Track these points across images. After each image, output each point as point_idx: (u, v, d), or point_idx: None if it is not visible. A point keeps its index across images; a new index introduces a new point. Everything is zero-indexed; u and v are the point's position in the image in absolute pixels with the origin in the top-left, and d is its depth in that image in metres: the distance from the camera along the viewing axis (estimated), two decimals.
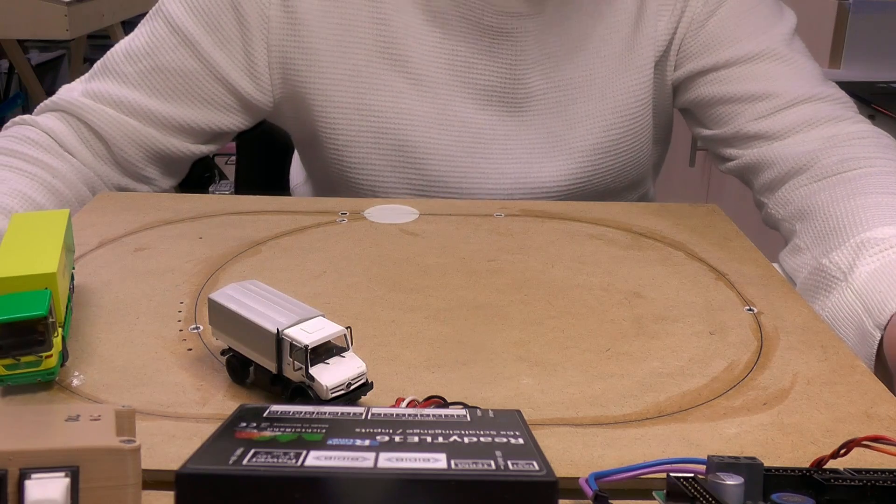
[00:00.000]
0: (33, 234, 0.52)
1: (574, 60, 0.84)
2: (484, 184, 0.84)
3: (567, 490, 0.36)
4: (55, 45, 3.55)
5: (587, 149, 0.85)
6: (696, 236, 0.72)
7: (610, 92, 0.85)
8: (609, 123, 0.85)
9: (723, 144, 0.86)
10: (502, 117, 0.84)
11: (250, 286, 0.49)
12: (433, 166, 0.83)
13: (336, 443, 0.33)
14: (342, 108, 0.82)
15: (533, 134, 0.84)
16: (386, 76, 0.81)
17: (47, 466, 0.30)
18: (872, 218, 0.64)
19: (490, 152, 0.84)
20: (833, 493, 0.35)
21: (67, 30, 1.90)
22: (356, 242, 0.69)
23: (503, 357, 0.52)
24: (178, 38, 0.80)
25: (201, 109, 0.83)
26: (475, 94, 0.83)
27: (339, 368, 0.44)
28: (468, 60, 0.82)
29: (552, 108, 0.84)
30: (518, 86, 0.83)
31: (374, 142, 0.83)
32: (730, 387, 0.49)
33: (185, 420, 0.45)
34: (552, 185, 0.86)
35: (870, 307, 0.57)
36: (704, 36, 0.84)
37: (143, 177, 0.84)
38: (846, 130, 0.78)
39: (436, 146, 0.83)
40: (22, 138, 0.78)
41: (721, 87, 0.83)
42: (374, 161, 0.83)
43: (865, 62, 1.81)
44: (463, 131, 0.83)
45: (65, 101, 0.81)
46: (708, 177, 2.21)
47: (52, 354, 0.45)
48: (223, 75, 0.81)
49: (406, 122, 0.82)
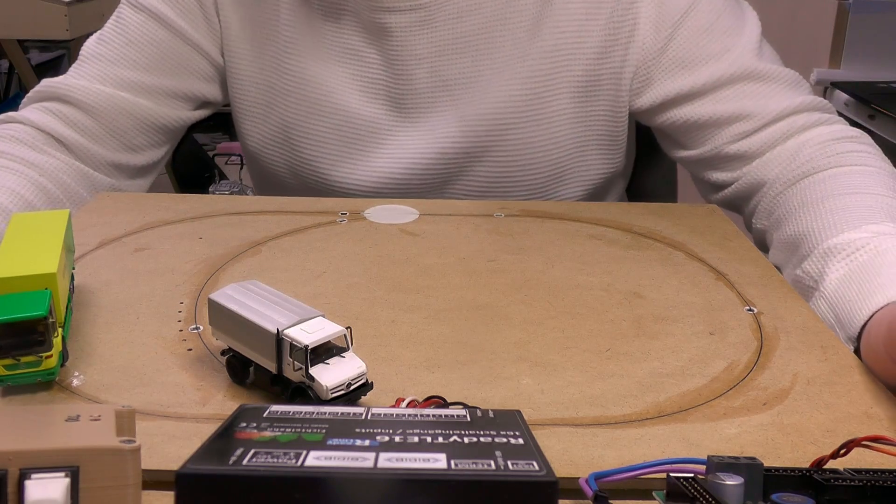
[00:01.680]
0: (33, 234, 0.52)
1: (461, 59, 0.82)
2: (354, 174, 0.86)
3: (567, 490, 0.36)
4: (55, 45, 3.55)
5: (458, 151, 0.84)
6: (695, 236, 0.72)
7: (491, 96, 0.82)
8: (483, 129, 0.83)
9: (704, 166, 0.84)
10: (386, 111, 0.85)
11: (250, 286, 0.49)
12: (307, 150, 0.86)
13: (336, 443, 0.33)
14: (242, 80, 0.88)
15: (415, 131, 0.84)
16: (282, 57, 0.86)
17: (47, 466, 0.30)
18: (840, 222, 0.64)
19: (366, 145, 0.85)
20: (833, 493, 0.35)
21: (67, 30, 1.90)
22: (356, 242, 0.69)
23: (503, 357, 0.52)
24: (145, 15, 0.85)
25: (181, 77, 0.87)
26: (362, 87, 0.84)
27: (339, 368, 0.44)
28: (358, 53, 0.84)
29: (434, 106, 0.84)
30: (402, 81, 0.83)
31: (262, 115, 0.88)
32: (730, 387, 0.49)
33: (185, 420, 0.45)
34: (422, 179, 0.85)
35: (841, 318, 0.57)
36: (667, 61, 0.81)
37: (136, 145, 0.86)
38: (821, 133, 0.77)
39: (311, 131, 0.86)
40: (6, 138, 0.78)
41: (695, 111, 0.81)
42: (260, 132, 0.89)
43: (865, 62, 1.81)
44: (342, 121, 0.85)
45: (51, 87, 0.83)
46: None
47: (52, 354, 0.45)
48: (194, 41, 0.86)
49: (288, 102, 0.86)
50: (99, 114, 0.83)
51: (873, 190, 0.68)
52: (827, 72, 1.80)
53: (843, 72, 1.82)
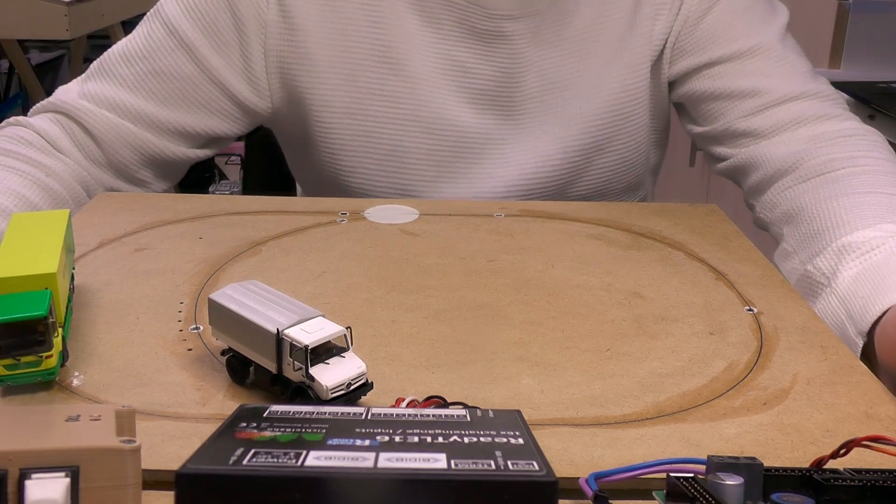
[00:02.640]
0: (33, 234, 0.52)
1: (569, 59, 0.84)
2: (477, 188, 0.85)
3: (567, 490, 0.36)
4: (55, 45, 3.55)
5: (581, 147, 0.85)
6: (695, 236, 0.72)
7: (605, 90, 0.85)
8: (603, 122, 0.85)
9: (713, 142, 0.86)
10: (497, 121, 0.84)
11: (250, 286, 0.49)
12: (425, 171, 0.84)
13: (336, 443, 0.33)
14: (337, 113, 0.82)
15: (528, 136, 0.84)
16: (382, 81, 0.81)
17: (47, 466, 0.30)
18: (854, 219, 0.65)
19: (483, 157, 0.84)
20: (833, 493, 0.35)
21: (67, 30, 1.90)
22: (356, 242, 0.69)
23: (503, 357, 0.52)
24: (176, 42, 0.80)
25: (198, 114, 0.82)
26: (471, 99, 0.83)
27: (339, 368, 0.44)
28: (464, 65, 0.82)
29: (547, 109, 0.84)
30: (514, 88, 0.83)
31: (369, 146, 0.83)
32: (730, 387, 0.49)
33: (185, 420, 0.45)
34: (545, 184, 0.86)
35: (852, 313, 0.58)
36: (700, 33, 0.84)
37: (138, 180, 0.84)
38: (833, 129, 0.78)
39: (428, 151, 0.83)
40: (15, 138, 0.78)
41: (712, 83, 0.84)
42: (367, 165, 0.84)
43: (865, 62, 1.81)
44: (457, 137, 0.83)
45: (60, 103, 0.81)
46: (708, 177, 2.20)
47: (52, 354, 0.45)
48: (221, 80, 0.81)
49: (400, 127, 0.82)
50: (103, 142, 0.81)
51: (887, 190, 0.69)
52: (827, 72, 1.80)
53: (843, 72, 1.82)
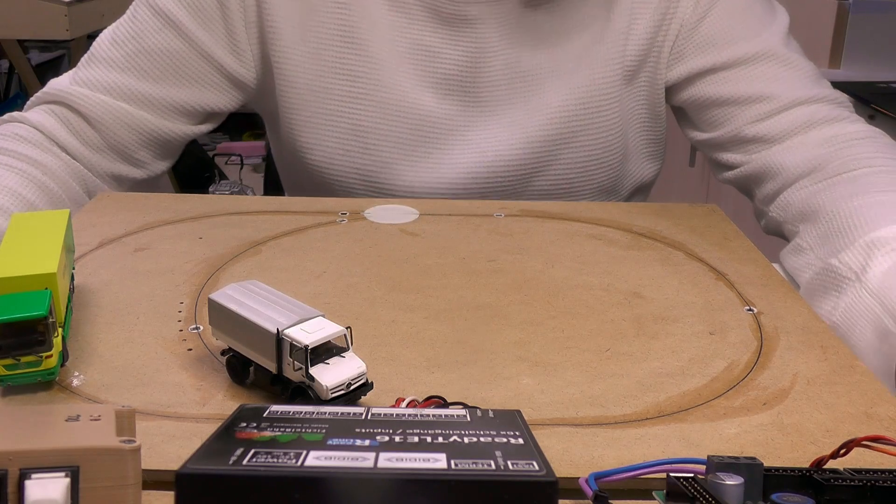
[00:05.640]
0: (33, 234, 0.52)
1: (538, 49, 0.83)
2: (438, 173, 0.84)
3: (567, 490, 0.36)
4: (55, 45, 3.55)
5: (545, 138, 0.84)
6: (695, 236, 0.72)
7: (573, 82, 0.84)
8: (570, 114, 0.84)
9: (719, 148, 0.85)
10: (461, 106, 0.84)
11: (250, 286, 0.49)
12: (385, 153, 0.84)
13: (336, 443, 0.33)
14: (300, 89, 0.84)
15: (492, 123, 0.84)
16: (345, 60, 0.83)
17: (47, 466, 0.30)
18: (879, 216, 0.64)
19: (445, 142, 0.84)
20: (833, 493, 0.35)
21: (67, 30, 1.90)
22: (356, 242, 0.69)
23: (503, 357, 0.52)
24: (162, 21, 0.82)
25: (190, 89, 0.84)
26: (435, 83, 0.83)
27: (339, 368, 0.44)
28: (429, 48, 0.82)
29: (513, 97, 0.84)
30: (479, 74, 0.83)
31: (329, 123, 0.84)
32: (730, 387, 0.49)
33: (185, 420, 0.45)
34: (508, 173, 0.85)
35: (888, 306, 0.57)
36: (699, 36, 0.84)
37: (137, 160, 0.85)
38: (844, 131, 0.77)
39: (388, 133, 0.84)
40: (11, 135, 0.78)
41: (718, 89, 0.83)
42: (326, 143, 0.85)
43: (865, 62, 1.81)
44: (418, 120, 0.83)
45: (55, 91, 0.82)
46: (708, 177, 2.20)
47: (52, 354, 0.45)
48: (208, 53, 0.83)
49: (360, 107, 0.83)
50: (100, 125, 0.82)
51: None
52: (827, 72, 1.80)
53: (843, 72, 1.82)
